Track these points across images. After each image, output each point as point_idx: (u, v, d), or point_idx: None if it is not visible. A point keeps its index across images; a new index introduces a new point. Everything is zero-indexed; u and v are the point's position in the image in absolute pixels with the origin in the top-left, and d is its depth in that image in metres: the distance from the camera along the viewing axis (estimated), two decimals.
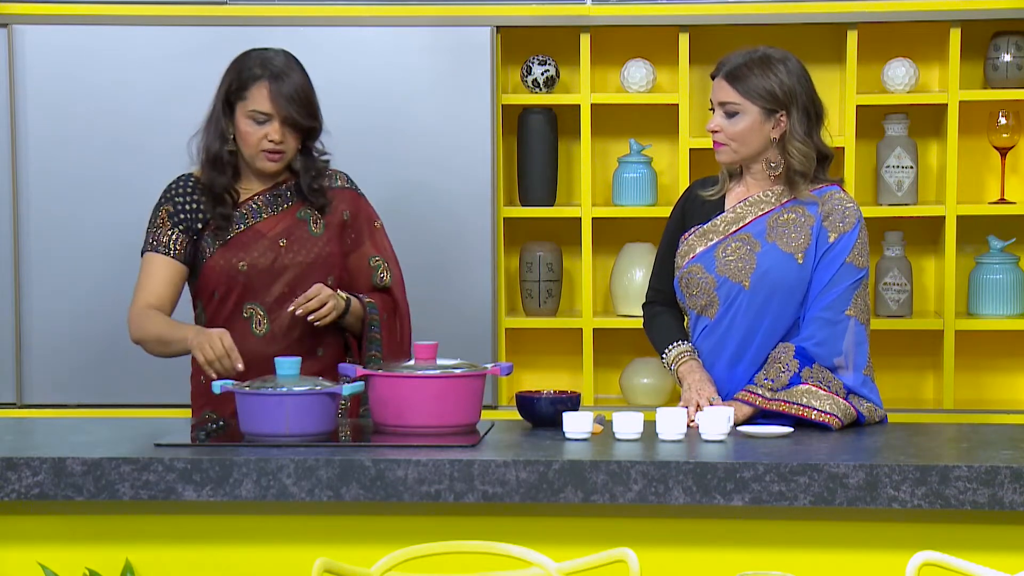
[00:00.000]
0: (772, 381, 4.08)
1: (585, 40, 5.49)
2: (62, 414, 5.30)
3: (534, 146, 5.56)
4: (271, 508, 3.62)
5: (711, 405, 4.03)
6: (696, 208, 4.27)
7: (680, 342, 4.24)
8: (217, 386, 3.87)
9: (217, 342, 4.02)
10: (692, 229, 4.25)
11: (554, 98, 5.56)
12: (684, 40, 5.44)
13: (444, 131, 5.41)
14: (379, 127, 5.33)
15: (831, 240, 4.14)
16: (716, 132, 4.17)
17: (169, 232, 4.28)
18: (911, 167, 5.51)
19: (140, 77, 5.37)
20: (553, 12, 5.41)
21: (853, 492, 3.47)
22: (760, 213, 4.19)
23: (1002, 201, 5.51)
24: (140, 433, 3.89)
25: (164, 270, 4.28)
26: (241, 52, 4.33)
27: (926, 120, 5.60)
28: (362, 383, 3.88)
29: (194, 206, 4.29)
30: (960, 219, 5.46)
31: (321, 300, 4.15)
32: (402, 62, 5.40)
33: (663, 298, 4.33)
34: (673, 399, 5.40)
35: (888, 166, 5.51)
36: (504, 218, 5.51)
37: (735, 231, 4.19)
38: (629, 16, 5.42)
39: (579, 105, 5.52)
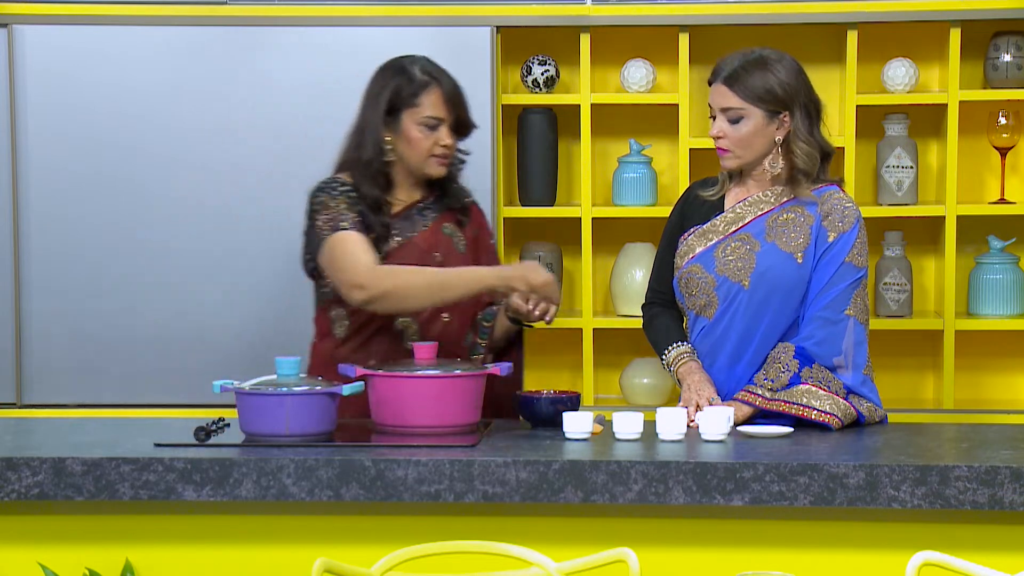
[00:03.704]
0: (772, 381, 4.08)
1: (585, 40, 5.49)
2: (62, 414, 5.29)
3: (534, 146, 5.56)
4: (271, 508, 3.62)
5: (711, 405, 4.04)
6: (695, 209, 4.27)
7: (679, 343, 4.24)
8: (217, 386, 3.87)
9: (541, 271, 3.97)
10: (691, 229, 4.25)
11: (554, 98, 5.56)
12: (684, 40, 5.44)
13: None
14: None
15: (830, 240, 4.14)
16: (720, 138, 4.15)
17: (355, 216, 4.17)
18: (911, 167, 5.51)
19: (140, 77, 5.37)
20: (553, 12, 5.41)
21: (853, 492, 3.47)
22: (759, 213, 4.19)
23: (1002, 201, 5.51)
24: (140, 433, 3.88)
25: (366, 242, 4.16)
26: (386, 62, 4.31)
27: (926, 120, 5.60)
28: (362, 383, 3.88)
29: (360, 207, 4.21)
30: (960, 219, 5.46)
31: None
32: None
33: (662, 299, 4.33)
34: (673, 399, 5.40)
35: (888, 166, 5.51)
36: (504, 218, 5.51)
37: (734, 231, 4.19)
38: (629, 16, 5.42)
39: (579, 105, 5.52)
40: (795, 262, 4.14)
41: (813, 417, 4.02)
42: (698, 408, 4.05)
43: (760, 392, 4.08)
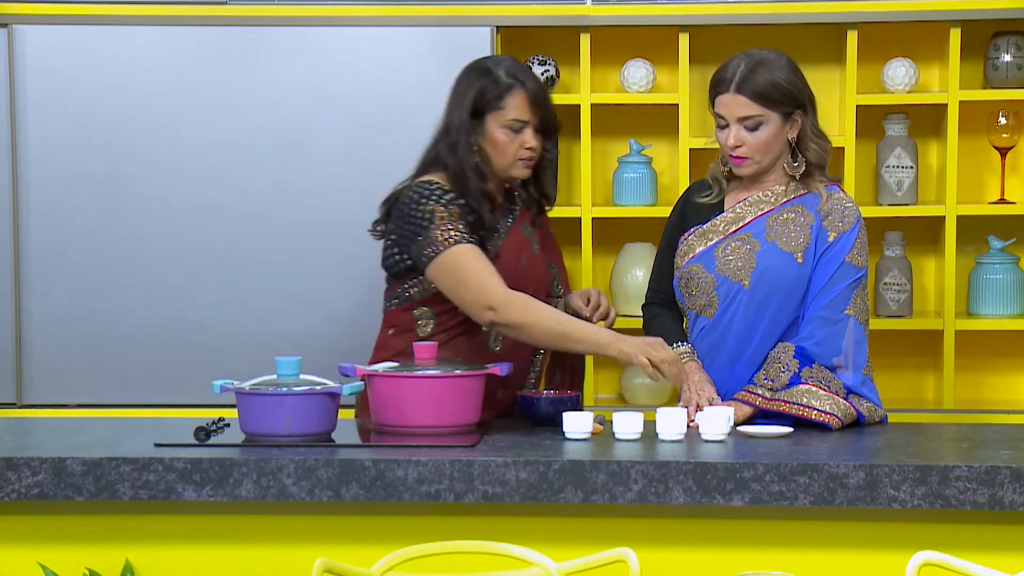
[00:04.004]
0: (772, 381, 4.08)
1: (585, 40, 5.48)
2: (62, 414, 5.29)
3: None
4: (271, 508, 3.62)
5: (711, 405, 4.04)
6: (695, 209, 4.27)
7: (680, 343, 4.24)
8: (217, 386, 3.87)
9: (663, 348, 3.99)
10: (691, 229, 4.25)
11: (554, 98, 5.51)
12: (684, 40, 5.44)
13: None
14: (379, 127, 5.32)
15: (830, 239, 4.14)
16: (738, 147, 4.14)
17: (464, 227, 4.12)
18: (911, 167, 5.51)
19: (140, 77, 5.36)
20: (553, 12, 5.41)
21: (853, 492, 3.47)
22: (760, 213, 4.19)
23: (1002, 201, 5.51)
24: (140, 433, 3.89)
25: (486, 257, 4.12)
26: (470, 64, 4.29)
27: (926, 120, 5.60)
28: (362, 383, 3.88)
29: (467, 215, 4.16)
30: (960, 219, 5.46)
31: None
32: (402, 62, 5.39)
33: (662, 299, 4.33)
34: (673, 399, 5.40)
35: (888, 166, 5.51)
36: None
37: (735, 231, 4.19)
38: (629, 16, 5.42)
39: (579, 105, 5.51)
40: (795, 262, 4.14)
41: (813, 417, 4.02)
42: (698, 408, 4.05)
43: (760, 392, 4.09)
